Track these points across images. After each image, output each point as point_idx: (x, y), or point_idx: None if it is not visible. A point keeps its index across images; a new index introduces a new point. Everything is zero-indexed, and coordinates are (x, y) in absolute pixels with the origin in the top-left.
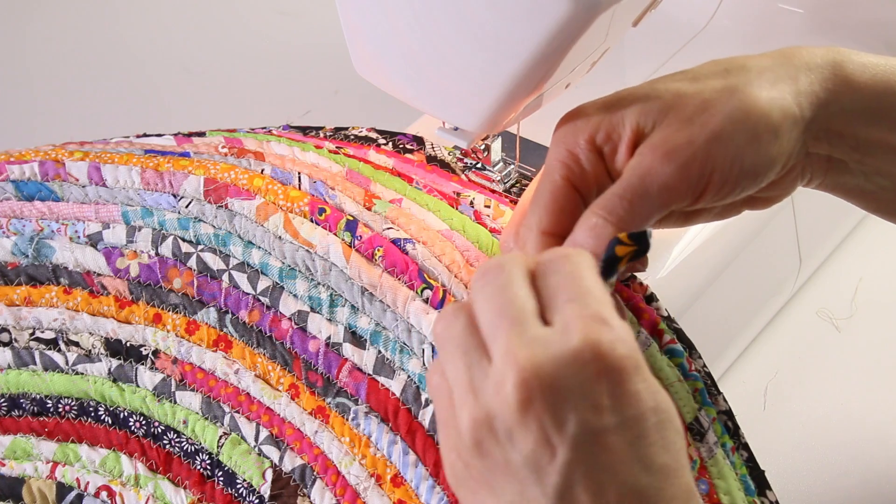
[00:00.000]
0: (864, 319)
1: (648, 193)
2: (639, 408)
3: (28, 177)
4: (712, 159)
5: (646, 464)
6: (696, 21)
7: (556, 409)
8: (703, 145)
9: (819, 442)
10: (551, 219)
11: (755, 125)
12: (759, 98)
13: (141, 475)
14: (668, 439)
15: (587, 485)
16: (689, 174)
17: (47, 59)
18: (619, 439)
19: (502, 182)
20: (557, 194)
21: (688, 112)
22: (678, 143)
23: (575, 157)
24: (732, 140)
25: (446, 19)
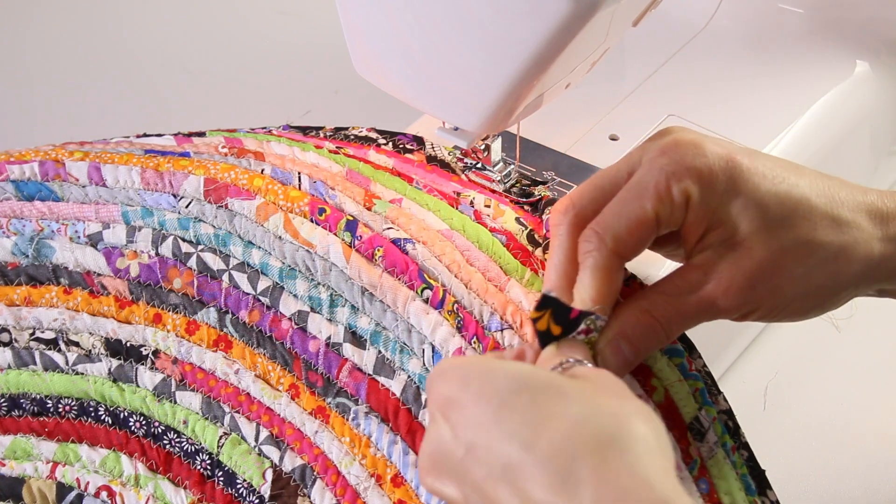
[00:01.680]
0: (864, 319)
1: (699, 318)
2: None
3: (28, 177)
4: (761, 304)
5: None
6: (696, 21)
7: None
8: (761, 294)
9: (819, 442)
10: (629, 242)
11: (809, 292)
12: (830, 271)
13: (141, 475)
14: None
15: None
16: (737, 311)
17: (47, 59)
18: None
19: (502, 182)
20: (644, 223)
21: (768, 253)
22: (743, 287)
23: (671, 199)
24: (785, 296)
25: (446, 19)
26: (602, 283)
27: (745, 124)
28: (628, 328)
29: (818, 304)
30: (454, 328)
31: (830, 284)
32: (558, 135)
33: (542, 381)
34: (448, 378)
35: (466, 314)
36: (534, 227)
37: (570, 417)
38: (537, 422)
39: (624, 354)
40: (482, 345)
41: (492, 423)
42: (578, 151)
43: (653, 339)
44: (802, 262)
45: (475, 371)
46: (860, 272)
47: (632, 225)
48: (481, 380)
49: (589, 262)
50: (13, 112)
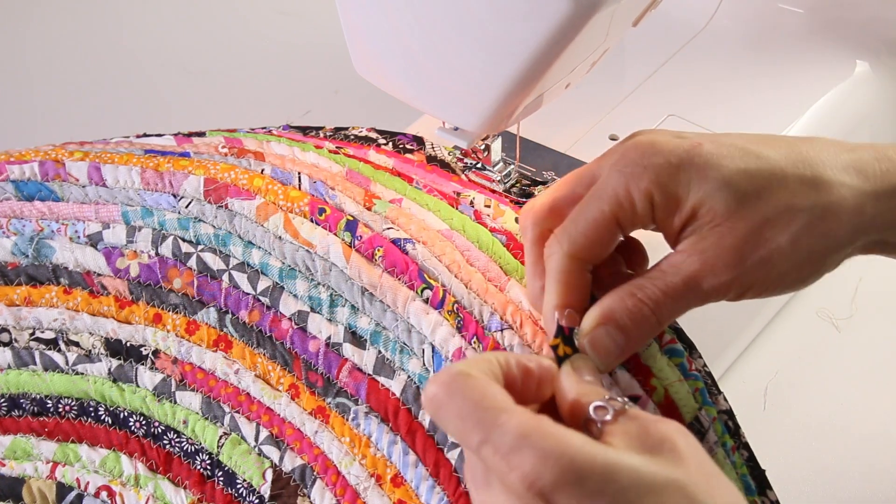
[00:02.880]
0: (864, 319)
1: (689, 299)
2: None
3: (28, 177)
4: (754, 279)
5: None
6: (696, 21)
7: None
8: (750, 267)
9: (819, 442)
10: (584, 244)
11: (802, 259)
12: (819, 232)
13: (141, 475)
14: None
15: None
16: (729, 289)
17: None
18: None
19: (502, 182)
20: (601, 224)
21: (749, 225)
22: (729, 262)
23: (630, 200)
24: (778, 267)
25: (446, 19)
26: (561, 287)
27: (745, 124)
28: (616, 312)
29: (814, 269)
30: (454, 328)
31: (821, 248)
32: (558, 135)
33: (663, 481)
34: (550, 462)
35: (466, 314)
36: None
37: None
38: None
39: (614, 340)
40: (482, 345)
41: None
42: (578, 151)
43: (642, 322)
44: (786, 229)
45: (588, 464)
46: (852, 229)
47: (588, 228)
48: (601, 478)
49: (548, 267)
50: (13, 112)
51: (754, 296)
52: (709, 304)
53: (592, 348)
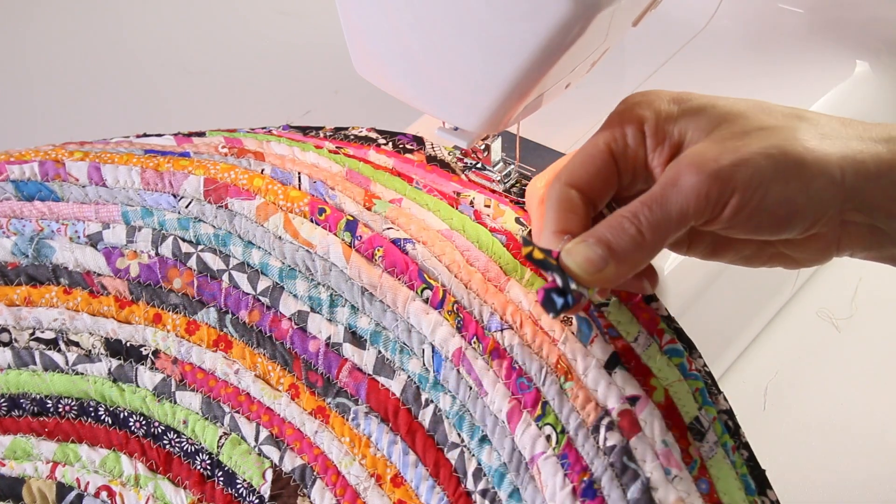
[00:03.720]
0: (864, 319)
1: (668, 205)
2: None
3: (28, 177)
4: (734, 182)
5: None
6: (696, 21)
7: None
8: (728, 166)
9: (819, 442)
10: (581, 174)
11: (786, 167)
12: (801, 145)
13: (141, 475)
14: None
15: None
16: (709, 191)
17: (47, 59)
18: None
19: (502, 182)
20: (595, 155)
21: (728, 133)
22: (706, 158)
23: (623, 134)
24: (759, 171)
25: (446, 19)
26: (560, 214)
27: None
28: (597, 227)
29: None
30: (454, 328)
31: (808, 164)
32: (558, 135)
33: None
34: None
35: (466, 314)
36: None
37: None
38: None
39: (590, 250)
40: (482, 345)
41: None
42: None
43: (621, 231)
44: (770, 137)
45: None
46: (839, 158)
47: (585, 158)
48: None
49: (549, 199)
50: (13, 112)
51: (735, 212)
52: (689, 222)
53: (568, 255)
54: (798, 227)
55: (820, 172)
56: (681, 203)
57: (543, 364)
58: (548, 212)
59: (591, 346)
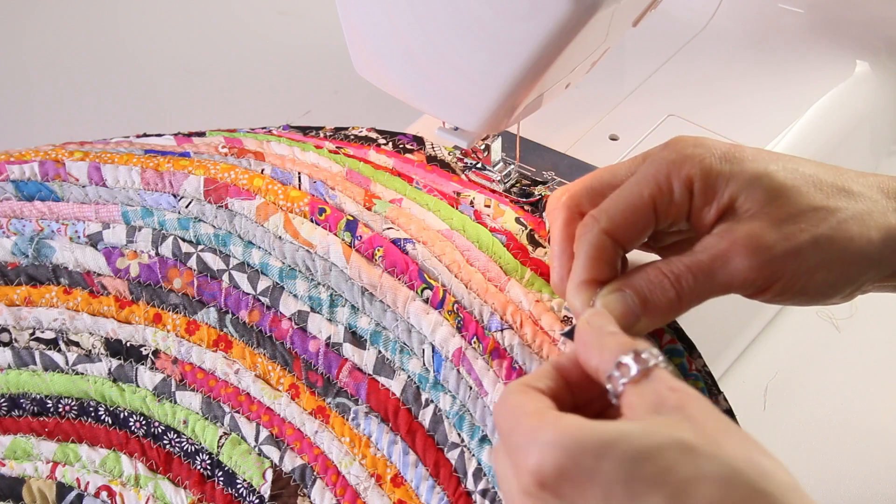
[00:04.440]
0: (864, 319)
1: (713, 278)
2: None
3: (28, 177)
4: (784, 270)
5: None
6: (696, 21)
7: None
8: (781, 255)
9: (819, 442)
10: (621, 223)
11: (832, 256)
12: (848, 233)
13: (141, 475)
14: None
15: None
16: (758, 276)
17: (47, 59)
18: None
19: (502, 182)
20: (638, 206)
21: (784, 214)
22: (761, 244)
23: (669, 189)
24: (807, 261)
25: (446, 19)
26: (594, 263)
27: (745, 124)
28: (634, 279)
29: (840, 276)
30: (454, 328)
31: (851, 253)
32: (558, 135)
33: (661, 442)
34: (548, 454)
35: (466, 314)
36: (534, 227)
37: (713, 478)
38: (680, 491)
39: (627, 303)
40: (482, 345)
41: (624, 498)
42: (578, 151)
43: (661, 292)
44: (819, 225)
45: (581, 444)
46: (880, 241)
47: (627, 208)
48: (594, 454)
49: (581, 243)
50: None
51: (777, 293)
52: (730, 293)
53: (604, 307)
54: (831, 302)
55: (861, 258)
56: (727, 280)
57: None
58: (579, 257)
59: None
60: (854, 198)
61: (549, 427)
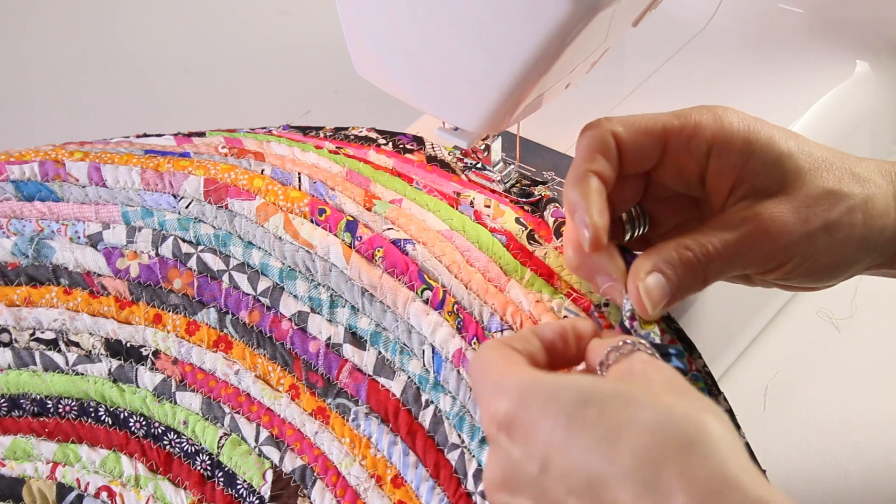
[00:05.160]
0: (864, 319)
1: (738, 259)
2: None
3: (28, 177)
4: (796, 251)
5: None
6: (696, 21)
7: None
8: (796, 238)
9: (819, 442)
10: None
11: (840, 240)
12: (856, 218)
13: (141, 476)
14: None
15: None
16: (773, 258)
17: (47, 59)
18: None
19: (502, 182)
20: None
21: (802, 198)
22: (782, 228)
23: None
24: (817, 244)
25: (446, 19)
26: (591, 151)
27: None
28: (665, 259)
29: (846, 258)
30: (454, 329)
31: (858, 236)
32: (558, 135)
33: (607, 391)
34: (504, 397)
35: (466, 315)
36: (534, 227)
37: (646, 425)
38: (613, 433)
39: (664, 289)
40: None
41: (565, 438)
42: None
43: (690, 273)
44: (832, 209)
45: (533, 388)
46: (880, 228)
47: (641, 127)
48: (544, 397)
49: (587, 135)
50: (13, 112)
51: (783, 274)
52: (740, 272)
53: (647, 295)
54: (828, 285)
55: (863, 244)
56: (748, 261)
57: None
58: (581, 148)
59: None
60: (861, 182)
61: (512, 375)
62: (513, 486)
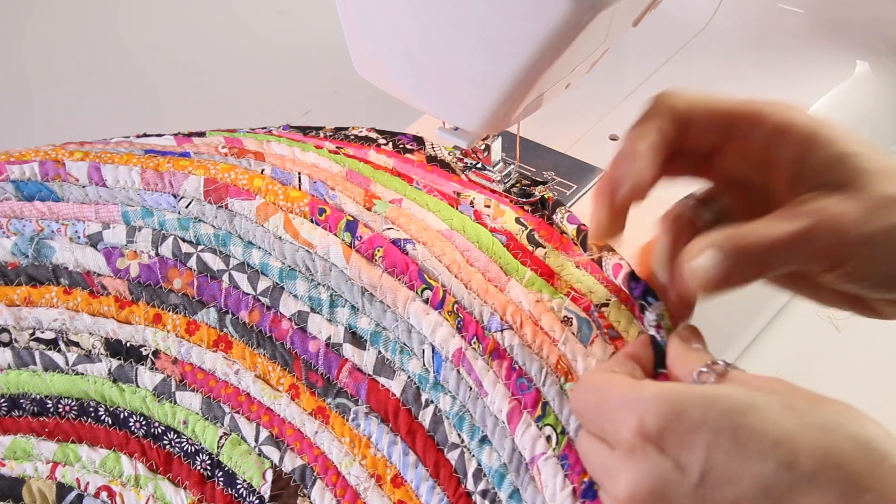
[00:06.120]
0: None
1: (798, 250)
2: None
3: (28, 177)
4: (856, 254)
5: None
6: (696, 21)
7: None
8: (859, 238)
9: None
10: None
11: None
12: None
13: (141, 475)
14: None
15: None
16: (835, 255)
17: (47, 59)
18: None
19: (502, 182)
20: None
21: (865, 198)
22: (845, 225)
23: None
24: (877, 249)
25: (446, 19)
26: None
27: None
28: (721, 240)
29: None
30: (454, 328)
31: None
32: (558, 135)
33: (763, 398)
34: (651, 409)
35: (466, 314)
36: (534, 227)
37: (816, 428)
38: (784, 437)
39: (718, 266)
40: (482, 345)
41: (729, 446)
42: (578, 151)
43: (746, 259)
44: (889, 216)
45: (686, 398)
46: None
47: (705, 98)
48: (700, 406)
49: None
50: (13, 112)
51: (843, 274)
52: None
53: (697, 273)
54: (890, 295)
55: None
56: (808, 256)
57: (544, 364)
58: (646, 106)
59: (592, 347)
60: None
61: (649, 386)
62: (664, 498)
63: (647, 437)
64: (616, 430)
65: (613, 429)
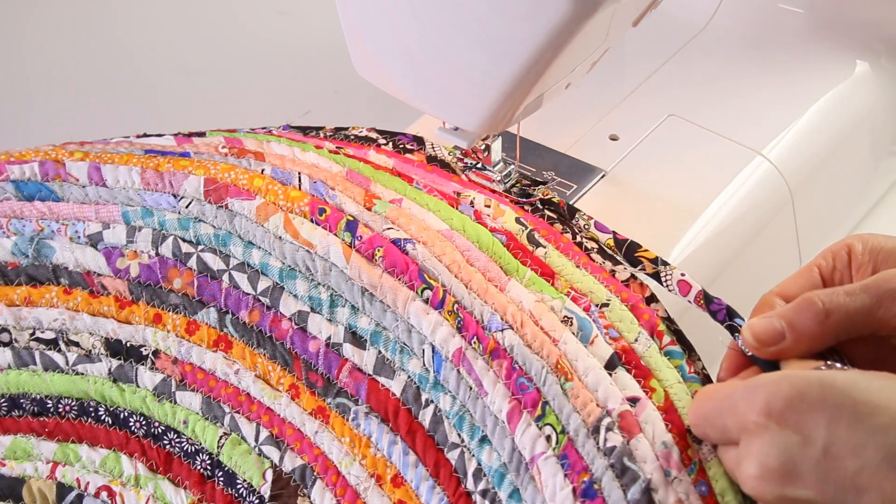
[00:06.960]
0: None
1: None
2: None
3: (28, 177)
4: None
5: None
6: (696, 21)
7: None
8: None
9: None
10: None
11: None
12: None
13: (141, 475)
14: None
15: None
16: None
17: (47, 59)
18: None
19: (502, 182)
20: (808, 273)
21: None
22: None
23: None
24: None
25: (446, 19)
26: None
27: (745, 124)
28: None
29: None
30: (454, 328)
31: None
32: (558, 135)
33: (878, 382)
34: (774, 386)
35: (466, 314)
36: (534, 227)
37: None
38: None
39: (774, 325)
40: (482, 345)
41: (852, 421)
42: (578, 151)
43: (806, 311)
44: None
45: (806, 379)
46: None
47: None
48: (821, 386)
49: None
50: (13, 112)
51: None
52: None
53: (749, 329)
54: None
55: None
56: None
57: (544, 364)
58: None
59: (592, 347)
60: None
61: (769, 374)
62: (793, 473)
63: (772, 415)
64: (741, 419)
65: (738, 420)
